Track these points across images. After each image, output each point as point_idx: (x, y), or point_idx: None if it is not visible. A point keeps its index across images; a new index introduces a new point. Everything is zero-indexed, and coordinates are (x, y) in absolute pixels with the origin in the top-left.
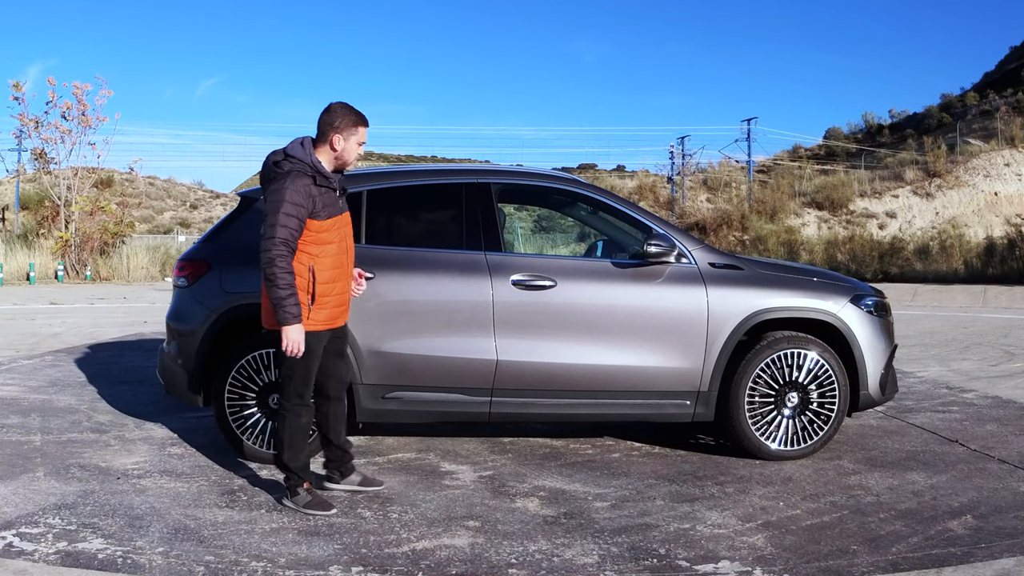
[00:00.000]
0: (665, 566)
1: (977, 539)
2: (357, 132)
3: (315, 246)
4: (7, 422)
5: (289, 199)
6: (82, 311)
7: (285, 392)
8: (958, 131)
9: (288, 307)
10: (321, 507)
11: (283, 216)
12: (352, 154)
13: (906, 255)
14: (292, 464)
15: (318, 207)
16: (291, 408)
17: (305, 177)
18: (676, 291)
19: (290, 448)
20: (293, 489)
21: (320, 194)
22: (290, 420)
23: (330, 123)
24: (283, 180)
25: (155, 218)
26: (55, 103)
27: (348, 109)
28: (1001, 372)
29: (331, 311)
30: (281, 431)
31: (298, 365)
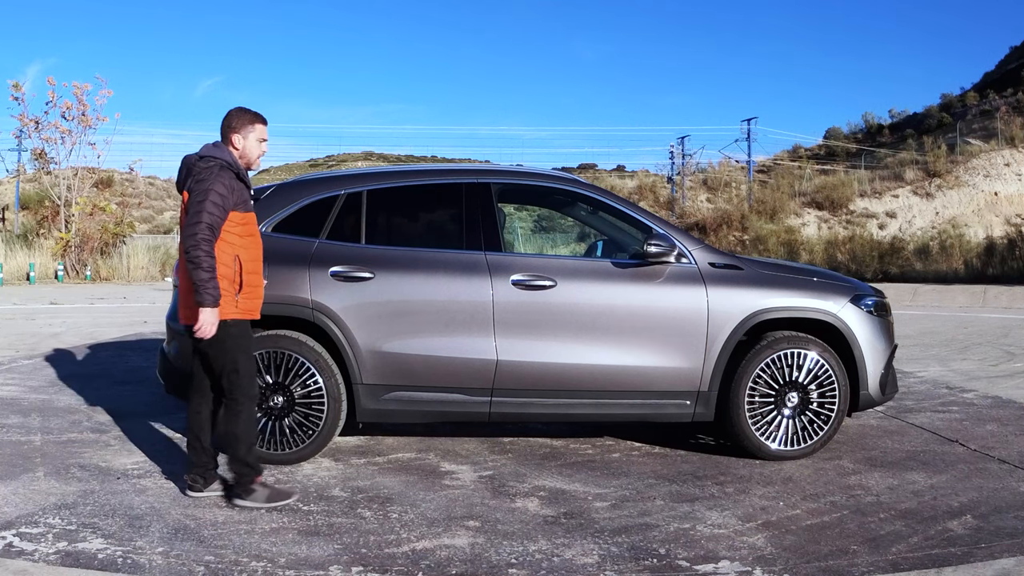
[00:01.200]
0: (665, 566)
1: (977, 539)
2: (255, 129)
3: (239, 237)
4: (7, 422)
5: (215, 189)
6: (82, 311)
7: (236, 387)
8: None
9: (211, 289)
10: (282, 496)
11: (209, 204)
12: (253, 151)
13: (906, 255)
14: (249, 459)
15: (238, 199)
16: (244, 402)
17: (229, 170)
18: (676, 291)
19: (245, 443)
20: (247, 487)
21: (240, 187)
22: (245, 415)
23: (228, 125)
24: (209, 172)
25: (155, 218)
26: (55, 103)
27: (243, 110)
28: (1001, 372)
29: (254, 301)
30: (235, 427)
31: (239, 356)
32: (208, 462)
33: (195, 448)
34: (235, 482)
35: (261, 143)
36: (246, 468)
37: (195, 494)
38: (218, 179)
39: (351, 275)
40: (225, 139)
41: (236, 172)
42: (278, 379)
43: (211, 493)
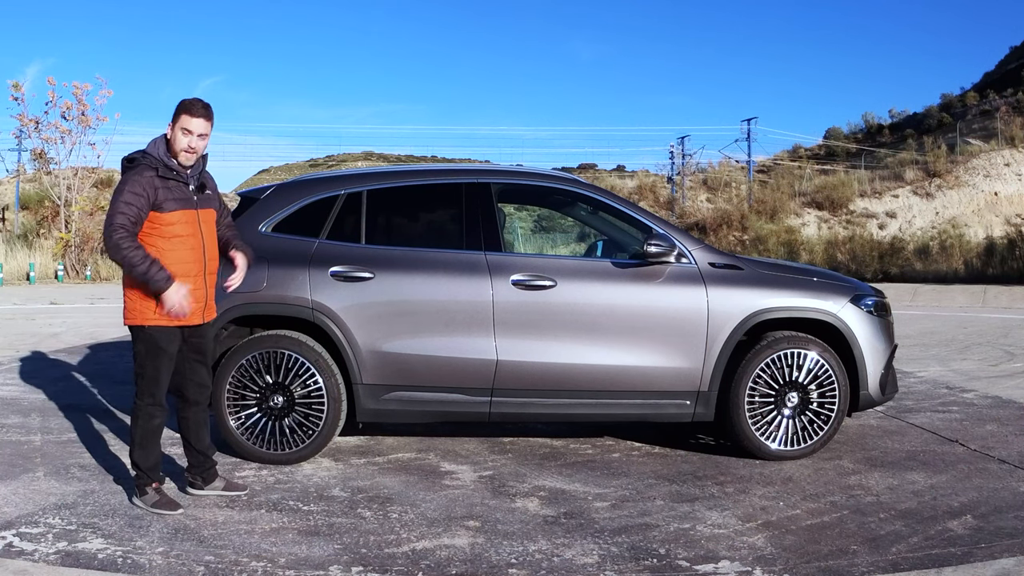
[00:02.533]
0: (665, 566)
1: (977, 539)
2: (180, 119)
3: (161, 239)
4: (7, 422)
5: (129, 189)
6: (82, 311)
7: (138, 391)
8: (958, 131)
9: (154, 275)
10: (168, 506)
11: (121, 204)
12: (178, 143)
13: (906, 255)
14: (142, 464)
15: (160, 199)
16: (143, 408)
17: (148, 169)
18: (676, 291)
19: (140, 448)
20: (141, 488)
21: (165, 186)
22: (142, 421)
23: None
24: (128, 173)
25: None
26: (55, 103)
27: (181, 102)
28: (1001, 372)
29: None
30: (133, 430)
31: (147, 363)
32: (204, 461)
33: (189, 450)
34: (134, 480)
35: (185, 134)
36: (139, 471)
37: (195, 492)
38: (132, 180)
39: (351, 275)
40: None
41: (158, 169)
42: (278, 379)
43: (211, 491)
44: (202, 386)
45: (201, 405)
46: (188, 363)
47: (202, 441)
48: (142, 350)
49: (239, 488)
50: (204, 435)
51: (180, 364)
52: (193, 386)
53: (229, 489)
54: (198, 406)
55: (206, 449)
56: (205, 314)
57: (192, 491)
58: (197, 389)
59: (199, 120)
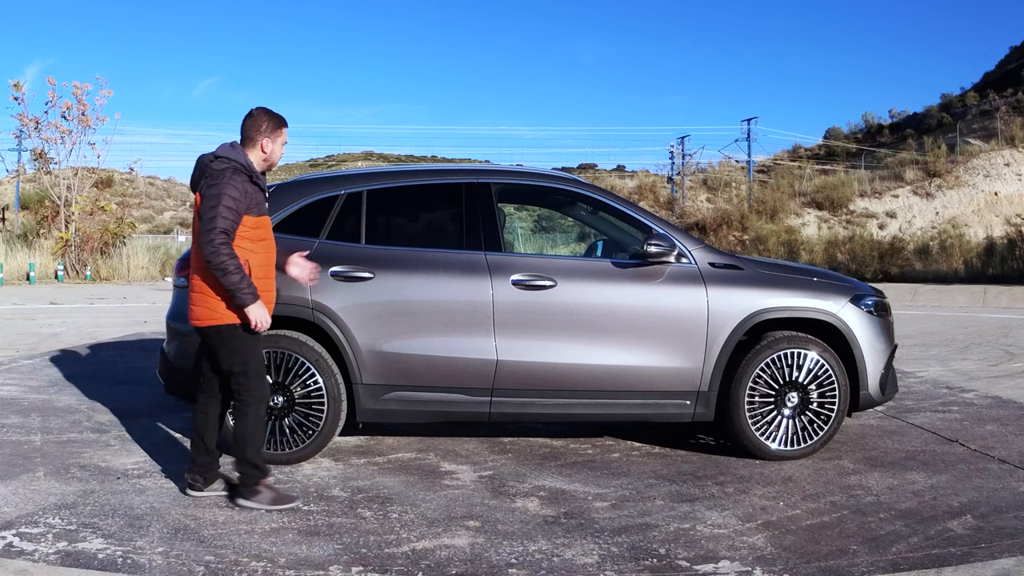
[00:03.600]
0: (665, 566)
1: (977, 539)
2: (281, 134)
3: (250, 241)
4: (7, 422)
5: (228, 193)
6: (82, 311)
7: (245, 388)
8: (958, 131)
9: (245, 288)
10: (287, 501)
11: (223, 208)
12: (278, 155)
13: (906, 255)
14: (256, 459)
15: (252, 204)
16: (252, 403)
17: (242, 174)
18: (676, 291)
19: (252, 444)
20: (252, 488)
21: (255, 191)
22: (252, 415)
23: (258, 128)
24: (221, 176)
25: (155, 218)
26: (55, 103)
27: (271, 114)
28: (1001, 372)
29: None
30: (243, 428)
31: (250, 355)
32: (210, 462)
33: (198, 448)
34: (241, 482)
35: (283, 146)
36: (253, 469)
37: (195, 493)
38: (230, 182)
39: (351, 275)
40: (251, 141)
41: (250, 175)
42: (278, 379)
43: (211, 493)
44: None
45: (225, 404)
46: None
47: (214, 440)
48: (241, 345)
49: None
50: (216, 435)
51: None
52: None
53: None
54: (225, 405)
55: (215, 450)
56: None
57: (192, 492)
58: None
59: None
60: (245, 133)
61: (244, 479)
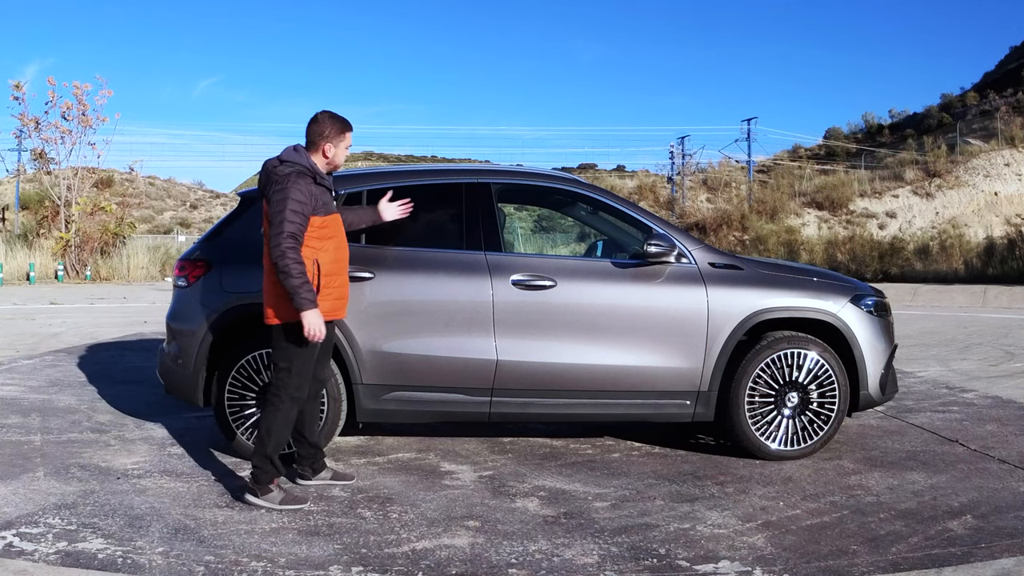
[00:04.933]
0: (665, 566)
1: (977, 539)
2: (345, 138)
3: (318, 240)
4: (7, 422)
5: (294, 197)
6: (82, 311)
7: (284, 384)
8: (958, 131)
9: (304, 293)
10: (298, 502)
11: (289, 212)
12: (341, 158)
13: (906, 255)
14: (275, 456)
15: (318, 205)
16: (286, 401)
17: (306, 176)
18: (676, 291)
19: (276, 439)
20: (265, 485)
21: (319, 193)
22: (283, 413)
23: (320, 133)
24: (286, 180)
25: (155, 218)
26: (55, 103)
27: (335, 118)
28: (1001, 372)
29: (333, 303)
30: (270, 423)
31: (298, 356)
32: (315, 453)
33: (301, 442)
34: (253, 478)
35: (347, 150)
36: (269, 466)
37: (305, 483)
38: (295, 186)
39: (351, 275)
40: (314, 145)
41: (314, 177)
42: None
43: (320, 482)
44: (322, 381)
45: (317, 399)
46: (320, 358)
47: (314, 434)
48: (294, 346)
49: (347, 477)
50: (316, 428)
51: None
52: (315, 381)
53: (337, 479)
54: (315, 400)
55: (318, 441)
56: (344, 310)
57: (301, 482)
58: (317, 384)
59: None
60: (309, 137)
61: (257, 475)
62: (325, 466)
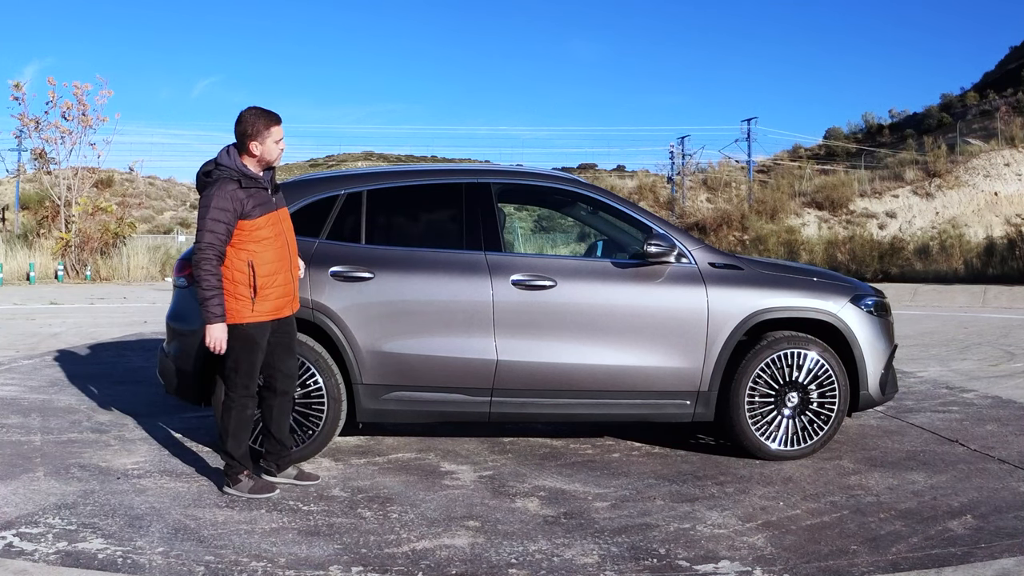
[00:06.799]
0: (665, 566)
1: (977, 539)
2: (271, 133)
3: (252, 243)
4: (7, 422)
5: (215, 205)
6: (82, 311)
7: (231, 384)
8: (958, 131)
9: (211, 307)
10: (266, 490)
11: (209, 221)
12: (273, 153)
13: (906, 255)
14: (236, 453)
15: (248, 207)
16: (237, 400)
17: (231, 182)
18: (676, 291)
19: (233, 438)
20: (234, 477)
21: (248, 195)
22: (236, 412)
23: (243, 132)
24: (211, 188)
25: (155, 218)
26: (55, 103)
27: (259, 114)
28: (1001, 372)
29: (275, 302)
30: (226, 421)
31: (243, 357)
32: (281, 449)
33: (268, 438)
34: (224, 470)
35: (278, 143)
36: (232, 460)
37: (270, 479)
38: (217, 194)
39: (351, 275)
40: (241, 146)
41: (240, 181)
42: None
43: (284, 480)
44: (290, 376)
45: (289, 395)
46: (277, 354)
47: (282, 430)
48: (237, 346)
49: (311, 478)
50: (285, 424)
51: (269, 356)
52: (282, 376)
53: (301, 479)
54: (285, 395)
55: (284, 438)
56: (292, 305)
57: (266, 477)
58: (285, 379)
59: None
60: (236, 139)
61: (226, 468)
62: (291, 463)
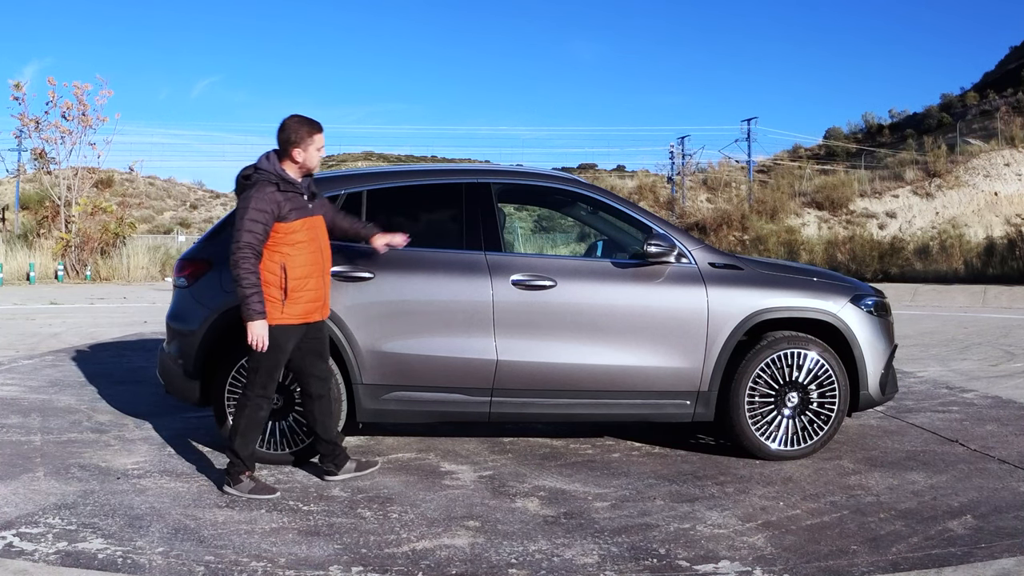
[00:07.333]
0: (665, 566)
1: (977, 539)
2: (314, 140)
3: (286, 246)
4: (7, 422)
5: (254, 206)
6: (82, 311)
7: (250, 383)
8: (958, 131)
9: (252, 304)
10: (265, 491)
11: (248, 222)
12: (314, 160)
13: (906, 255)
14: (241, 452)
15: (285, 211)
16: (253, 399)
17: (269, 185)
18: (676, 291)
19: (242, 436)
20: (235, 476)
21: (286, 199)
22: (249, 411)
23: (287, 139)
24: (250, 190)
25: (155, 218)
26: (55, 103)
27: (302, 121)
28: (1001, 372)
29: (305, 306)
30: (238, 419)
31: (264, 358)
32: (334, 449)
33: (319, 442)
34: (226, 468)
35: (320, 151)
36: (237, 459)
37: (332, 479)
38: (256, 196)
39: (351, 275)
40: (284, 152)
41: (278, 185)
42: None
43: (346, 476)
44: (323, 380)
45: (324, 398)
46: (308, 359)
47: (329, 431)
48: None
49: (371, 464)
50: (331, 425)
51: (300, 361)
52: (315, 380)
53: (361, 468)
54: (321, 399)
55: (334, 438)
56: (323, 311)
57: (329, 479)
58: (319, 383)
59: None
60: (279, 145)
61: (228, 467)
62: (348, 459)
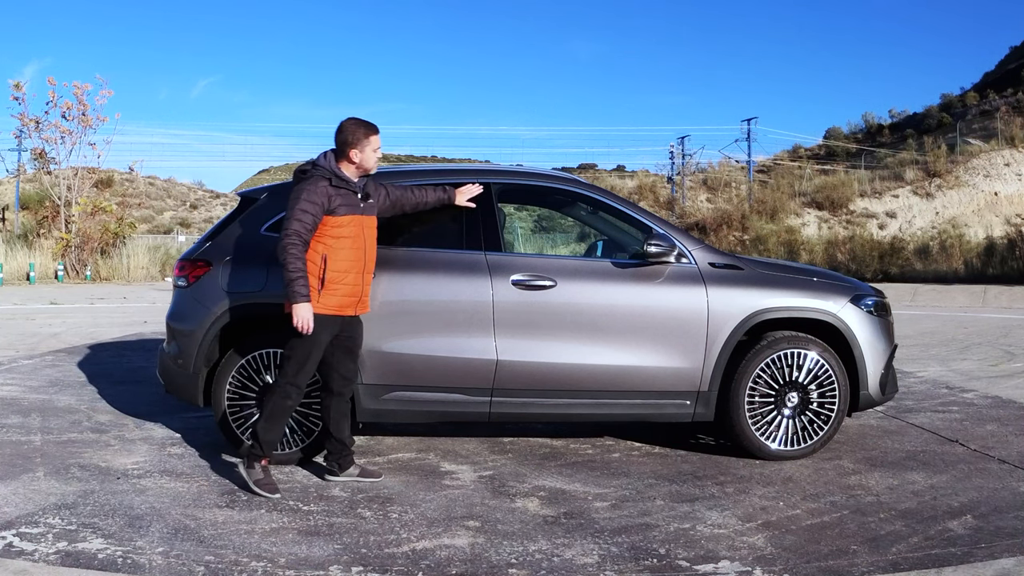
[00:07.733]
0: (665, 566)
1: (977, 539)
2: (371, 142)
3: (331, 239)
4: (7, 422)
5: (306, 197)
6: (82, 311)
7: (283, 371)
8: (958, 131)
9: (297, 287)
10: (268, 488)
11: (298, 211)
12: (371, 161)
13: (906, 255)
14: (263, 436)
15: (335, 204)
16: (283, 386)
17: (323, 180)
18: (676, 291)
19: (267, 421)
20: (251, 461)
21: (338, 194)
22: (278, 397)
23: (344, 141)
24: (304, 182)
25: (155, 218)
26: (55, 103)
27: (358, 124)
28: (1001, 372)
29: (340, 299)
30: (267, 403)
31: (299, 346)
32: (342, 449)
33: (328, 438)
34: (248, 450)
35: (376, 152)
36: (257, 442)
37: (332, 478)
38: (308, 188)
39: None
40: (341, 153)
41: (331, 180)
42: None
43: (347, 478)
44: (347, 379)
45: (344, 396)
46: (337, 356)
47: (342, 431)
48: (294, 336)
49: (374, 475)
50: (344, 425)
51: (329, 356)
52: (339, 377)
53: (364, 475)
54: (341, 397)
55: (345, 438)
56: (358, 307)
57: (329, 477)
58: (342, 381)
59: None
60: (336, 146)
61: (252, 448)
62: (353, 462)
